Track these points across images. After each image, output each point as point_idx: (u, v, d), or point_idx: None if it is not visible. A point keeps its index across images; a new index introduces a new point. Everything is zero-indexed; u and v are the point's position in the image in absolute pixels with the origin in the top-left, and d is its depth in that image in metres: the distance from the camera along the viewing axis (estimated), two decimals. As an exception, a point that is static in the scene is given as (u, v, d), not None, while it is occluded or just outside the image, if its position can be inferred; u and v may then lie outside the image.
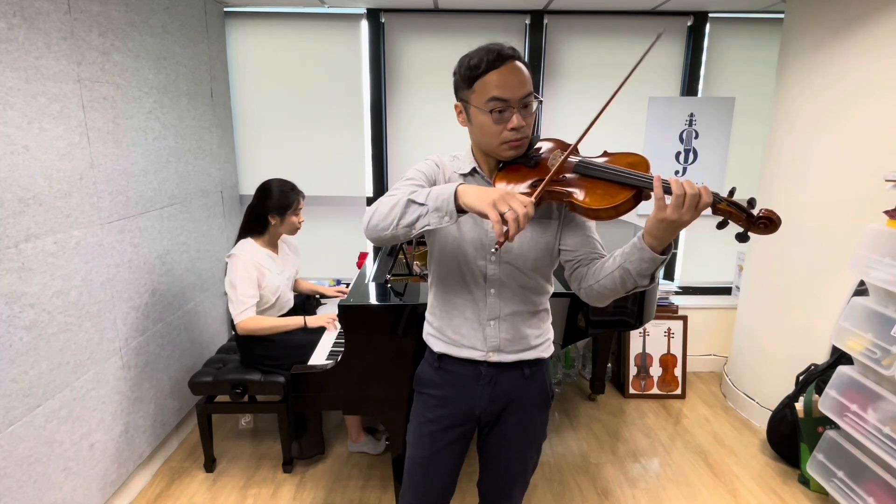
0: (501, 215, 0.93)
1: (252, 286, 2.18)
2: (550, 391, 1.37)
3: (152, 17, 2.24)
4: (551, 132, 3.20)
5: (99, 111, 1.92)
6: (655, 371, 3.09)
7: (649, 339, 3.10)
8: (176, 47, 2.43)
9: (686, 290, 3.42)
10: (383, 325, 1.78)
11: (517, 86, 1.10)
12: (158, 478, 2.33)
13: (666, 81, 3.16)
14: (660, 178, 0.99)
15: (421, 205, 1.03)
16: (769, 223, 0.98)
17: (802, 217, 2.45)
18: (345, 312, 1.76)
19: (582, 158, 1.15)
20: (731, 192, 1.01)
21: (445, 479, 1.36)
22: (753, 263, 2.85)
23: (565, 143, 1.22)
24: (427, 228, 1.04)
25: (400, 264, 2.46)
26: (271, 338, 2.27)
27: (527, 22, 3.04)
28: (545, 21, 3.05)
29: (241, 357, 2.36)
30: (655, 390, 3.09)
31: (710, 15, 3.05)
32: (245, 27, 3.04)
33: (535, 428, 1.36)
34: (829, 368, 2.23)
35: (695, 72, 3.12)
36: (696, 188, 0.96)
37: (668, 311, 3.11)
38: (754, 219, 0.98)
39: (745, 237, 1.01)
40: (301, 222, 2.31)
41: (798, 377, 2.46)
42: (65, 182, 1.76)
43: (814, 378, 2.33)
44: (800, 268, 2.52)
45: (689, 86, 3.13)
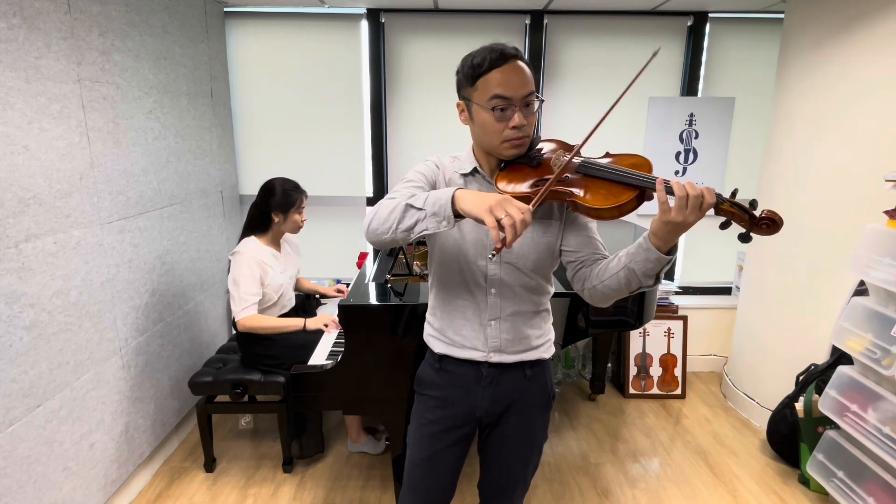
0: (498, 221, 0.92)
1: (255, 284, 2.19)
2: (552, 392, 1.37)
3: (152, 17, 2.24)
4: (551, 132, 3.20)
5: (99, 111, 1.92)
6: (655, 371, 3.09)
7: (649, 339, 3.10)
8: (176, 47, 2.43)
9: (686, 290, 3.42)
10: (383, 325, 1.78)
11: (519, 85, 1.11)
12: (158, 478, 2.33)
13: (666, 81, 3.16)
14: (662, 180, 0.99)
15: (419, 209, 1.03)
16: (771, 224, 0.98)
17: (802, 217, 2.45)
18: (345, 312, 1.76)
19: (585, 159, 1.15)
20: (734, 194, 1.02)
21: (446, 481, 1.36)
22: (753, 263, 2.85)
23: (567, 144, 1.22)
24: (425, 233, 1.04)
25: (400, 264, 2.46)
26: (272, 337, 2.27)
27: (527, 22, 3.04)
28: (545, 21, 3.05)
29: (242, 356, 2.36)
30: (655, 390, 3.09)
31: (710, 15, 3.05)
32: (245, 27, 3.04)
33: (537, 429, 1.36)
34: (829, 368, 2.23)
35: (695, 72, 3.12)
36: (699, 189, 0.96)
37: (668, 311, 3.11)
38: (756, 220, 0.99)
39: (748, 238, 1.01)
40: (304, 221, 2.33)
41: (798, 377, 2.46)
42: (65, 182, 1.76)
43: (814, 378, 2.33)
44: (800, 268, 2.52)
45: (689, 86, 3.13)
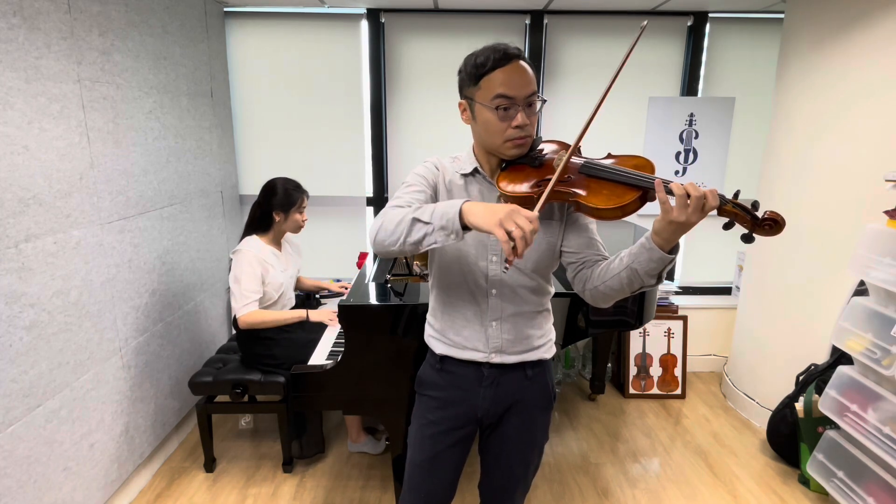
0: (508, 233, 0.92)
1: (256, 281, 2.20)
2: (553, 392, 1.37)
3: (152, 17, 2.24)
4: (551, 132, 3.20)
5: (99, 111, 1.92)
6: (655, 371, 3.09)
7: (649, 339, 3.10)
8: (176, 47, 2.43)
9: (686, 290, 3.42)
10: (383, 325, 1.78)
11: (522, 84, 1.12)
12: (158, 478, 2.33)
13: (666, 81, 3.16)
14: (661, 181, 1.00)
15: (426, 223, 1.02)
16: (774, 225, 0.99)
17: (802, 217, 2.45)
18: (345, 312, 1.76)
19: (587, 160, 1.16)
20: (736, 195, 1.02)
21: (446, 482, 1.36)
22: (753, 263, 2.85)
23: (569, 145, 1.22)
24: (434, 246, 1.04)
25: (400, 264, 2.46)
26: (272, 336, 2.28)
27: (527, 22, 3.04)
28: (545, 21, 3.05)
29: (242, 356, 2.37)
30: (655, 390, 3.09)
31: (710, 15, 3.05)
32: (245, 27, 3.04)
33: (538, 429, 1.36)
34: (829, 368, 2.23)
35: (695, 72, 3.12)
36: (702, 191, 0.96)
37: (668, 311, 3.11)
38: (759, 221, 0.99)
39: (751, 238, 1.01)
40: (305, 220, 2.34)
41: (798, 377, 2.46)
42: (65, 182, 1.76)
43: (814, 378, 2.33)
44: (800, 268, 2.52)
45: (689, 86, 3.13)
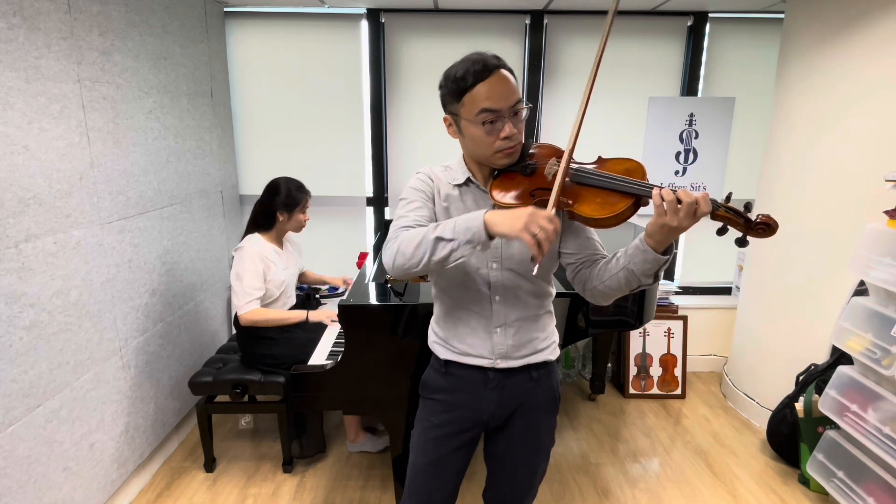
0: (534, 236, 0.95)
1: (258, 279, 2.21)
2: (558, 395, 1.36)
3: (152, 17, 2.24)
4: (551, 132, 3.20)
5: (99, 111, 1.92)
6: (655, 371, 3.09)
7: (649, 339, 3.10)
8: (176, 47, 2.43)
9: (686, 290, 3.42)
10: (383, 325, 1.78)
11: (506, 95, 1.11)
12: (158, 478, 2.33)
13: (666, 81, 3.16)
14: (658, 189, 1.01)
15: (450, 240, 1.04)
16: (767, 228, 1.00)
17: (802, 217, 2.45)
18: (345, 312, 1.76)
19: (579, 167, 1.15)
20: (728, 198, 1.03)
21: (449, 486, 1.35)
22: (753, 263, 2.85)
23: (558, 149, 1.21)
24: (460, 260, 1.05)
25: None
26: (272, 336, 2.28)
27: (527, 22, 3.04)
28: (545, 21, 3.05)
29: (242, 355, 2.37)
30: (655, 390, 3.09)
31: (710, 15, 3.05)
32: (245, 27, 3.04)
33: (543, 433, 1.35)
34: (829, 368, 2.23)
35: (695, 72, 3.12)
36: (694, 196, 0.97)
37: (668, 311, 3.11)
38: (752, 224, 1.00)
39: (745, 242, 1.02)
40: (307, 220, 2.36)
41: (798, 377, 2.46)
42: (65, 182, 1.76)
43: (814, 378, 2.33)
44: (800, 268, 2.52)
45: (689, 86, 3.13)
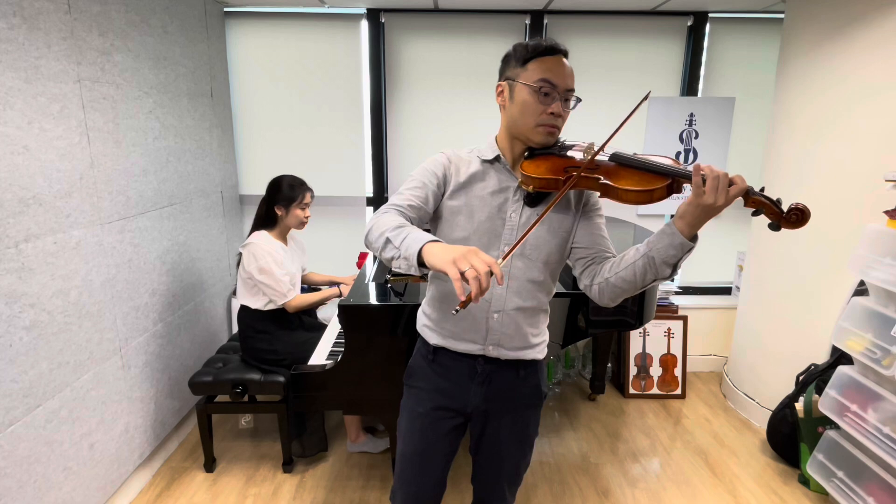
0: (462, 273, 0.90)
1: (281, 268, 2.27)
2: (542, 391, 1.37)
3: (152, 17, 2.24)
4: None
5: (99, 111, 1.92)
6: (655, 371, 3.09)
7: (649, 339, 3.10)
8: (176, 47, 2.43)
9: (686, 290, 3.42)
10: (383, 325, 1.78)
11: (565, 76, 1.18)
12: (158, 478, 2.33)
13: (666, 81, 3.16)
14: (698, 166, 1.03)
15: (396, 248, 1.05)
16: (801, 216, 1.01)
17: (802, 217, 2.45)
18: (345, 312, 1.76)
19: (616, 151, 1.20)
20: (762, 191, 1.05)
21: (437, 474, 1.36)
22: (753, 263, 2.85)
23: (593, 145, 1.25)
24: (400, 270, 1.07)
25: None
26: (274, 333, 2.31)
27: (527, 22, 3.04)
28: (545, 21, 3.05)
29: (243, 352, 2.38)
30: (655, 390, 3.09)
31: (710, 15, 3.05)
32: (245, 27, 3.04)
33: (529, 427, 1.37)
34: (829, 368, 2.23)
35: (695, 72, 3.12)
36: (731, 176, 1.00)
37: (668, 311, 3.10)
38: (785, 214, 1.02)
39: (777, 227, 1.04)
40: (307, 217, 2.37)
41: (798, 377, 2.46)
42: (65, 182, 1.76)
43: (814, 378, 2.33)
44: (800, 267, 2.52)
45: (689, 86, 3.13)
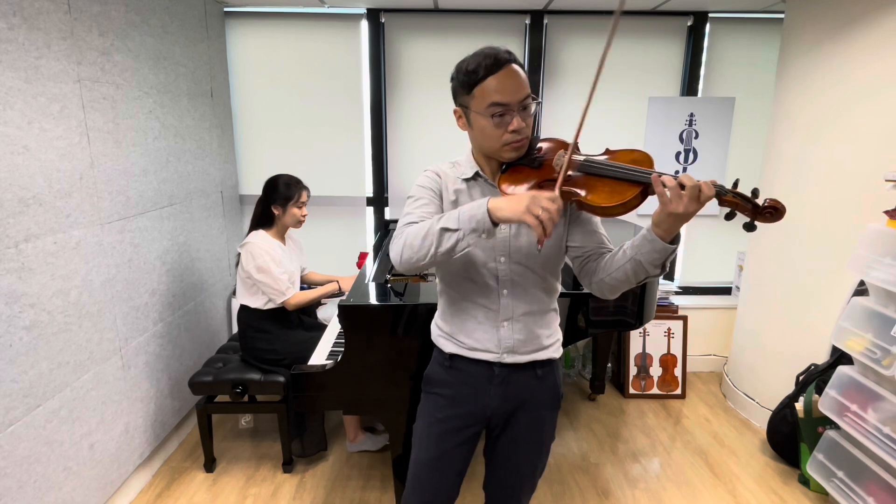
0: (537, 217, 0.97)
1: (280, 266, 2.27)
2: (560, 392, 1.37)
3: (152, 17, 2.24)
4: (551, 132, 3.20)
5: (99, 111, 1.92)
6: (655, 371, 3.09)
7: (649, 339, 3.10)
8: (176, 47, 2.43)
9: (686, 290, 3.42)
10: (383, 325, 1.78)
11: (516, 89, 1.12)
12: (158, 478, 2.33)
13: (666, 81, 3.16)
14: (658, 176, 1.02)
15: (455, 230, 1.06)
16: (775, 212, 1.00)
17: (802, 217, 2.45)
18: (345, 312, 1.76)
19: (587, 157, 1.16)
20: (735, 184, 1.03)
21: (452, 481, 1.36)
22: (753, 263, 2.85)
23: (565, 143, 1.23)
24: (466, 250, 1.08)
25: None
26: (273, 333, 2.31)
27: (527, 22, 3.04)
28: (545, 21, 3.05)
29: (243, 351, 2.38)
30: (655, 390, 3.09)
31: (710, 15, 3.05)
32: (245, 27, 3.04)
33: (546, 429, 1.36)
34: (829, 368, 2.23)
35: (695, 72, 3.12)
36: (696, 182, 0.98)
37: (668, 311, 3.10)
38: (760, 209, 1.01)
39: (753, 227, 1.03)
40: (304, 216, 2.37)
41: (798, 377, 2.46)
42: (65, 182, 1.76)
43: (814, 378, 2.33)
44: (800, 267, 2.52)
45: (689, 86, 3.13)
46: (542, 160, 1.20)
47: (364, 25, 3.03)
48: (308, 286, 2.69)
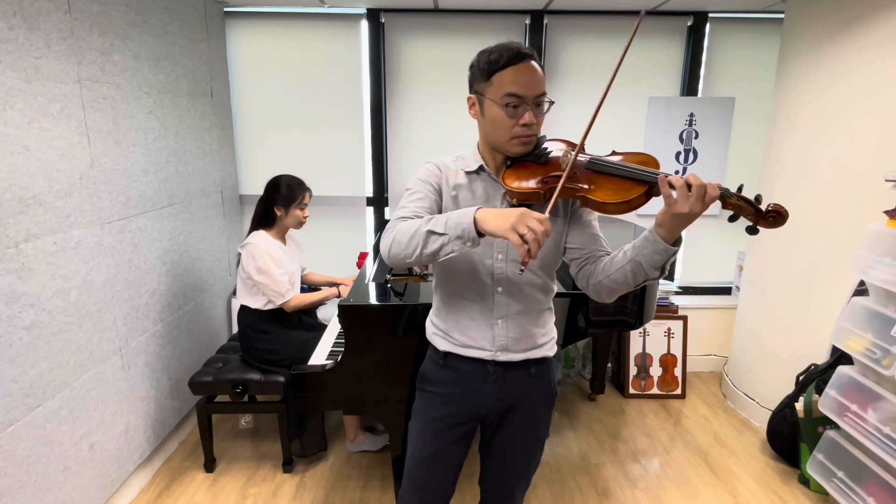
0: (521, 236, 0.95)
1: (280, 267, 2.27)
2: (555, 389, 1.38)
3: (152, 17, 2.24)
4: (551, 132, 3.19)
5: (99, 111, 1.92)
6: (655, 371, 3.09)
7: (649, 339, 3.10)
8: (176, 47, 2.43)
9: (686, 290, 3.42)
10: (383, 325, 1.78)
11: (533, 84, 1.15)
12: (158, 478, 2.33)
13: (666, 81, 3.16)
14: (664, 176, 1.03)
15: (441, 234, 1.05)
16: (778, 216, 1.01)
17: (802, 217, 2.45)
18: (344, 312, 1.76)
19: (593, 157, 1.18)
20: (740, 189, 1.04)
21: (447, 479, 1.36)
22: (753, 263, 2.85)
23: (572, 143, 1.24)
24: (451, 255, 1.06)
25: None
26: (273, 333, 2.31)
27: (527, 22, 3.04)
28: (545, 21, 3.05)
29: (243, 352, 2.38)
30: (655, 390, 3.09)
31: (710, 15, 3.05)
32: (245, 27, 3.04)
33: (540, 426, 1.37)
34: (829, 368, 2.23)
35: (695, 72, 3.12)
36: (702, 182, 0.99)
37: (668, 311, 3.10)
38: (763, 213, 1.01)
39: (755, 230, 1.04)
40: (306, 217, 2.37)
41: (798, 377, 2.46)
42: (65, 182, 1.76)
43: (814, 378, 2.33)
44: (800, 267, 2.52)
45: (689, 86, 3.13)
46: (549, 158, 1.21)
47: (364, 25, 3.03)
48: (308, 286, 2.70)
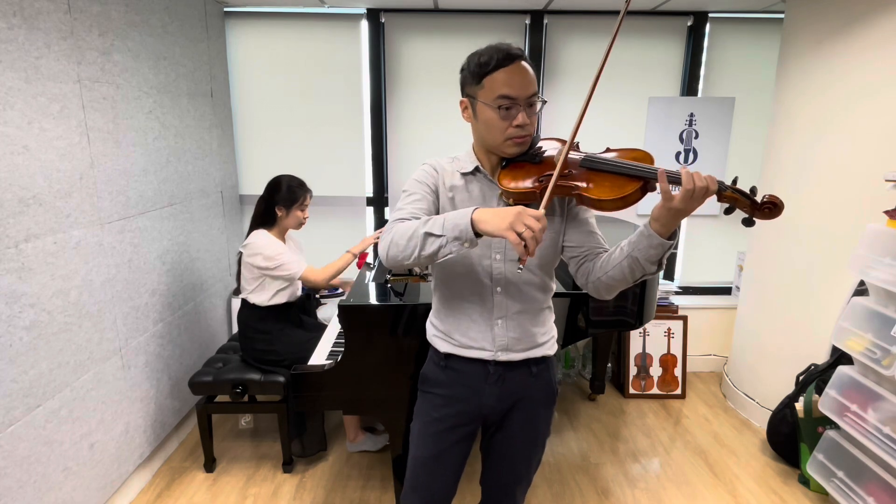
0: (519, 235, 0.96)
1: (286, 250, 2.27)
2: (555, 388, 1.38)
3: (152, 17, 2.24)
4: (551, 132, 3.20)
5: (99, 111, 1.92)
6: (655, 371, 3.09)
7: (649, 339, 3.10)
8: (176, 47, 2.43)
9: (686, 290, 3.42)
10: (383, 325, 1.78)
11: (524, 85, 1.14)
12: (158, 478, 2.33)
13: (666, 81, 3.16)
14: (664, 171, 1.03)
15: (438, 236, 1.05)
16: (773, 207, 1.02)
17: (802, 217, 2.45)
18: (344, 312, 1.76)
19: (587, 154, 1.18)
20: (735, 181, 1.05)
21: (449, 479, 1.36)
22: (753, 263, 2.85)
23: (566, 142, 1.24)
24: (449, 256, 1.06)
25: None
26: (273, 333, 2.31)
27: (527, 22, 3.04)
28: (545, 21, 3.05)
29: (243, 352, 2.38)
30: (655, 390, 3.09)
31: (710, 15, 3.05)
32: (245, 27, 3.04)
33: (541, 426, 1.37)
34: (829, 368, 2.23)
35: (695, 72, 3.12)
36: (703, 179, 0.99)
37: (668, 311, 3.10)
38: (759, 205, 1.02)
39: (751, 222, 1.04)
40: (306, 218, 2.37)
41: (798, 377, 2.46)
42: (65, 182, 1.76)
43: (814, 378, 2.33)
44: (800, 267, 2.52)
45: (689, 86, 3.13)
46: (543, 157, 1.21)
47: (364, 25, 3.03)
48: (308, 290, 2.69)
